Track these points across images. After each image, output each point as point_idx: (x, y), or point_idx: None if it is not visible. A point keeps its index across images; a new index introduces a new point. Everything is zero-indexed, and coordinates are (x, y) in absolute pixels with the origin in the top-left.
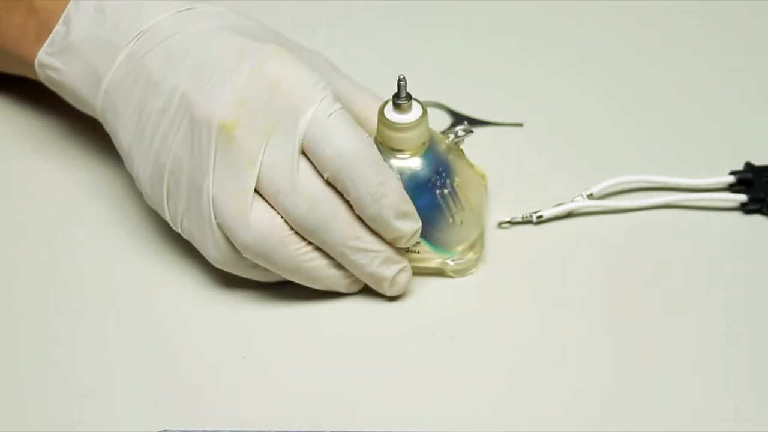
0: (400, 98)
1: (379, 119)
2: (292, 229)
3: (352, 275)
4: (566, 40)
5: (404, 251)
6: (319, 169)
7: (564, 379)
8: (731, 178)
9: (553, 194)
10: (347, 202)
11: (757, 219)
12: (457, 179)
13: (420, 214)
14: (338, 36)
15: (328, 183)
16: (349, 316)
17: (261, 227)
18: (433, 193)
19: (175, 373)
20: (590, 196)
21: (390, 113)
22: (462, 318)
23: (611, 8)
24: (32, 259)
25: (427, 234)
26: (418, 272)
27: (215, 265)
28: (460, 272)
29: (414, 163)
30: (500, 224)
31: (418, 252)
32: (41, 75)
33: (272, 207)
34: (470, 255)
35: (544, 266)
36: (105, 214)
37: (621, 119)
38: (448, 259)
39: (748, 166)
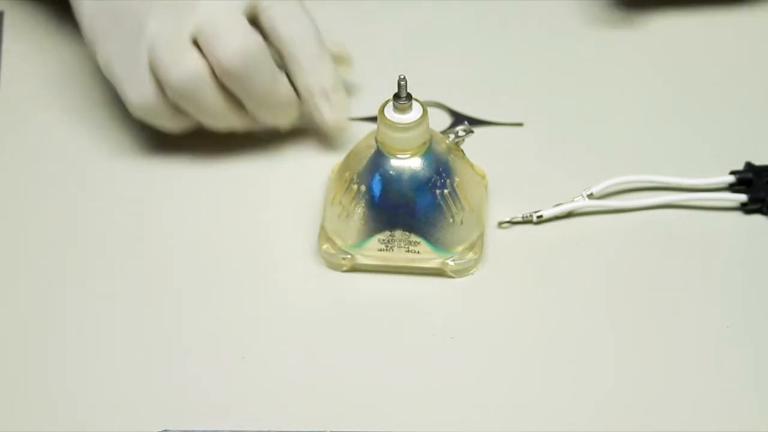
0: (401, 98)
1: (379, 119)
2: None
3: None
4: (566, 40)
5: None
6: (263, 29)
7: (564, 379)
8: (731, 178)
9: (553, 194)
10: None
11: (757, 219)
12: (457, 179)
13: (420, 214)
14: (338, 35)
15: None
16: (350, 316)
17: (191, 66)
18: (433, 193)
19: (175, 373)
20: (590, 196)
21: (390, 113)
22: (462, 318)
23: (611, 9)
24: (32, 259)
25: (427, 234)
26: (418, 272)
27: (134, 112)
28: (460, 272)
29: (414, 163)
30: (500, 224)
31: (418, 252)
32: None
33: (204, 55)
34: (470, 255)
35: (544, 266)
36: (102, 216)
37: (621, 119)
38: (448, 259)
39: (748, 166)
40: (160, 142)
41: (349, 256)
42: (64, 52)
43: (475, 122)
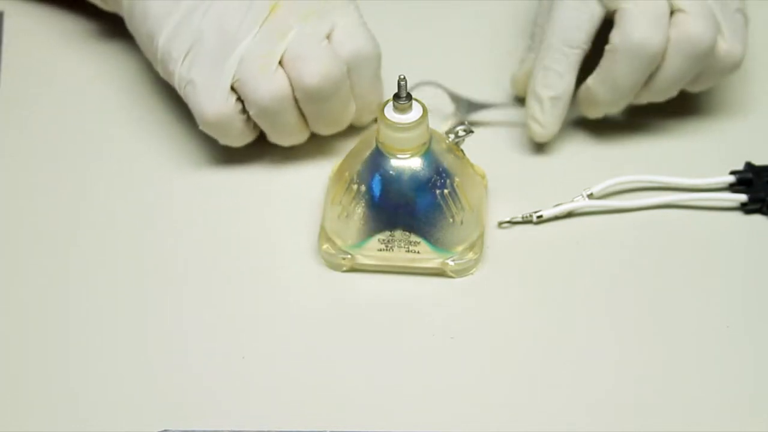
0: (401, 98)
1: (379, 119)
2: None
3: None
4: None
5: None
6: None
7: (564, 379)
8: (731, 178)
9: (553, 194)
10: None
11: (757, 219)
12: (457, 179)
13: (420, 214)
14: None
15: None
16: (350, 316)
17: (278, 85)
18: (433, 193)
19: (174, 373)
20: (590, 196)
21: (390, 113)
22: (462, 318)
23: None
24: (32, 258)
25: (427, 234)
26: (418, 272)
27: (205, 124)
28: (460, 272)
29: (414, 163)
30: (500, 224)
31: (418, 252)
32: None
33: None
34: (470, 255)
35: (544, 266)
36: (102, 215)
37: (621, 119)
38: (448, 259)
39: (748, 166)
40: (162, 142)
41: (349, 256)
42: (65, 52)
43: (474, 105)
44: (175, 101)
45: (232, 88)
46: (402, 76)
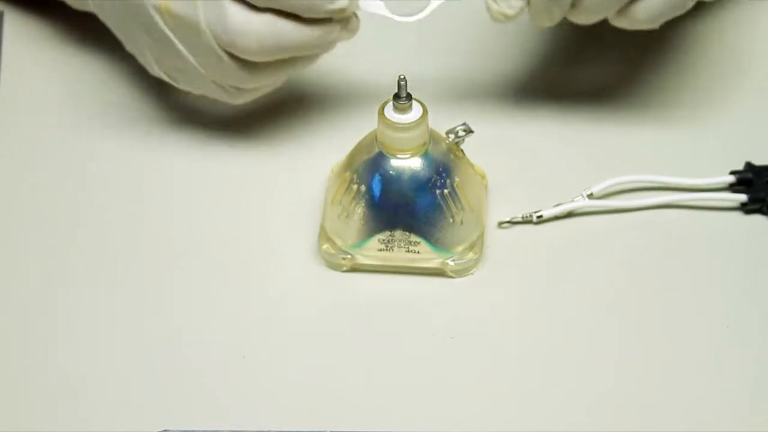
0: (401, 98)
1: (379, 119)
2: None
3: None
4: (566, 39)
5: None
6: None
7: (564, 379)
8: (731, 178)
9: (553, 194)
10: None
11: (757, 219)
12: (457, 179)
13: (420, 214)
14: None
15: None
16: (350, 316)
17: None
18: (433, 193)
19: (174, 373)
20: (590, 196)
21: (390, 113)
22: (462, 318)
23: None
24: (32, 258)
25: (427, 234)
26: (418, 272)
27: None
28: (460, 272)
29: (414, 163)
30: (500, 224)
31: (418, 252)
32: None
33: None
34: (470, 255)
35: (544, 266)
36: (102, 215)
37: (621, 119)
38: (448, 259)
39: (748, 166)
40: (162, 142)
41: (349, 256)
42: (65, 52)
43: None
44: (173, 100)
45: None
46: (402, 76)
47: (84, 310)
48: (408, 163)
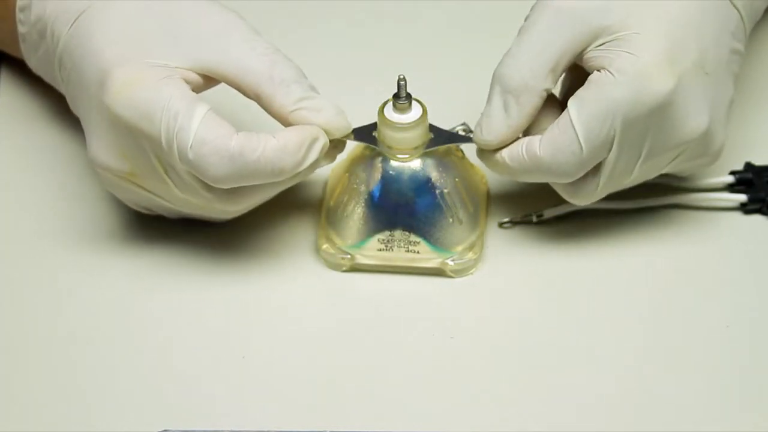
0: (400, 98)
1: (379, 119)
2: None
3: None
4: None
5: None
6: None
7: (564, 379)
8: (731, 178)
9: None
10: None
11: (757, 219)
12: (457, 179)
13: (420, 214)
14: (338, 35)
15: None
16: (350, 316)
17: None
18: (433, 193)
19: (175, 373)
20: None
21: (390, 113)
22: (462, 318)
23: None
24: (32, 257)
25: (426, 234)
26: (418, 272)
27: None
28: (460, 272)
29: (414, 164)
30: (500, 224)
31: (418, 252)
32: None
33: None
34: (470, 255)
35: (543, 266)
36: (102, 214)
37: None
38: (448, 259)
39: (748, 166)
40: None
41: (349, 256)
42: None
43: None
44: None
45: None
46: (402, 76)
47: (84, 310)
48: (408, 163)
